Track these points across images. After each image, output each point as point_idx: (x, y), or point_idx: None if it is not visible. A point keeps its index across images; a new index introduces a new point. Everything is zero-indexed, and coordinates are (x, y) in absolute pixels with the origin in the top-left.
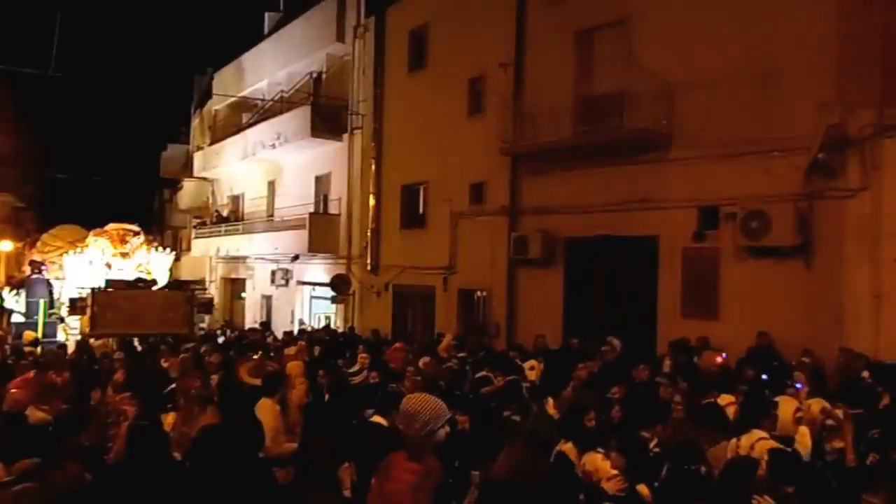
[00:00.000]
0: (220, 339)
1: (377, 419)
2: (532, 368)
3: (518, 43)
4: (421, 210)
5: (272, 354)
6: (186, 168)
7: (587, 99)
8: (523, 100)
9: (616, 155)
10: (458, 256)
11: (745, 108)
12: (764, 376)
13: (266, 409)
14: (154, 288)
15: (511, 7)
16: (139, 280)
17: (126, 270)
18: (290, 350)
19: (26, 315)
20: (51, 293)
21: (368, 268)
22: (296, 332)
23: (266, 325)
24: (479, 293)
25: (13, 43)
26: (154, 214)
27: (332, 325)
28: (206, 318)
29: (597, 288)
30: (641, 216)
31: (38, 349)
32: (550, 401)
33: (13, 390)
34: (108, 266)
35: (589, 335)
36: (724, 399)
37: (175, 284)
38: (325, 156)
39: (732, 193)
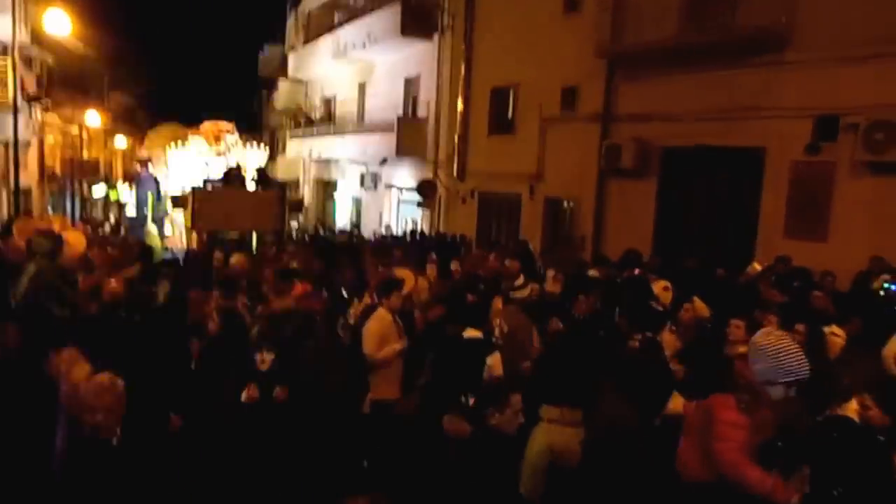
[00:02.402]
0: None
1: (472, 333)
2: (666, 289)
3: None
4: (510, 115)
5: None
6: (283, 68)
7: None
8: None
9: (724, 56)
10: (547, 164)
11: (880, 2)
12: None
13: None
14: (248, 186)
15: None
16: (232, 173)
17: (222, 167)
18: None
19: (137, 208)
20: (158, 188)
21: (455, 173)
22: (382, 232)
23: (356, 226)
24: (566, 203)
25: None
26: (253, 114)
27: (419, 229)
28: (300, 217)
29: (693, 202)
30: (748, 125)
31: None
32: None
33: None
34: (206, 164)
35: (681, 252)
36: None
37: (266, 183)
38: (415, 57)
39: (856, 102)
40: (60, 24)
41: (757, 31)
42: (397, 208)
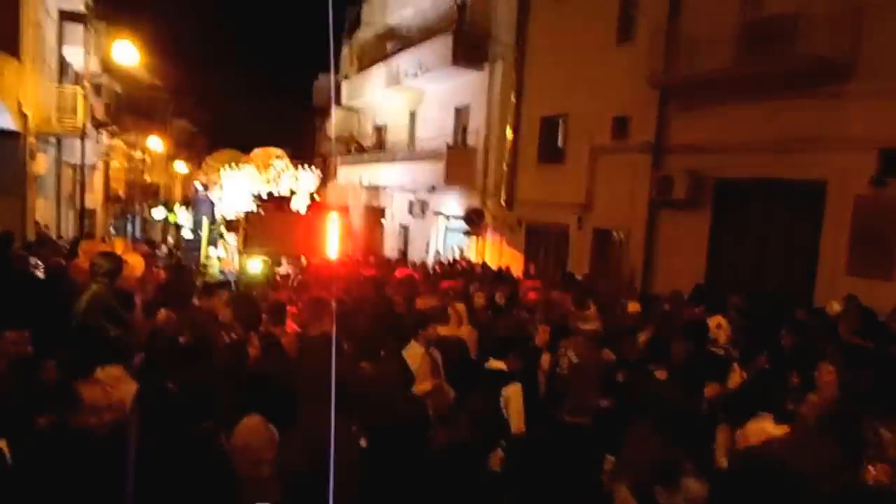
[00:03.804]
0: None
1: (496, 364)
2: (719, 326)
3: None
4: (559, 144)
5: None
6: (336, 97)
7: (753, 23)
8: (678, 25)
9: (783, 87)
10: (596, 194)
11: None
12: None
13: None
14: (295, 208)
15: None
16: (282, 198)
17: (274, 192)
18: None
19: (194, 231)
20: (213, 211)
21: (503, 202)
22: (430, 261)
23: (403, 253)
24: (616, 234)
25: None
26: (307, 141)
27: (465, 258)
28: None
29: (748, 235)
30: (808, 157)
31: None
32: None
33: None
34: (258, 191)
35: (735, 288)
36: None
37: (316, 208)
38: (466, 86)
39: None
40: (128, 55)
41: (818, 62)
42: (444, 236)
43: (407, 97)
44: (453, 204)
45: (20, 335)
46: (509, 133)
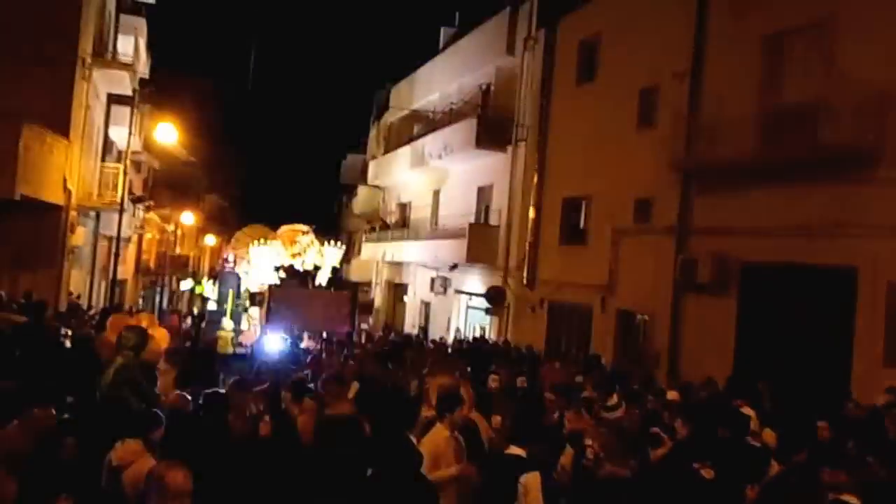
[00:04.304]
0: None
1: (515, 450)
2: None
3: (696, 50)
4: (581, 225)
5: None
6: (362, 176)
7: (774, 111)
8: (699, 111)
9: (808, 173)
10: (619, 276)
11: None
12: None
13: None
14: (318, 283)
15: (689, 13)
16: (306, 273)
17: (298, 267)
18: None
19: (218, 303)
20: (238, 285)
21: (524, 281)
22: (450, 340)
23: (424, 330)
24: (640, 317)
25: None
26: (333, 217)
27: (487, 336)
28: (370, 319)
29: (777, 322)
30: (836, 243)
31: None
32: None
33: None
34: (283, 265)
35: (765, 376)
36: None
37: (338, 284)
38: (489, 167)
39: None
40: (169, 135)
41: (842, 149)
42: (465, 314)
43: (431, 177)
44: (475, 282)
45: (47, 412)
46: (531, 213)
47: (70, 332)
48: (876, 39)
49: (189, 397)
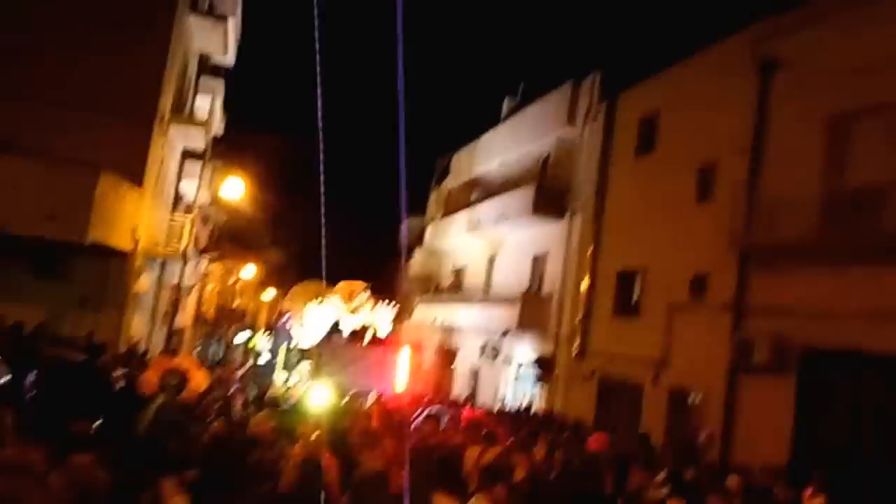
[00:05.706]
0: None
1: None
2: None
3: (757, 128)
4: (635, 298)
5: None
6: (420, 239)
7: (838, 192)
8: (759, 189)
9: (872, 257)
10: (672, 352)
11: None
12: None
13: None
14: (368, 341)
15: (751, 90)
16: (356, 331)
17: (352, 324)
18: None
19: (272, 354)
20: (290, 340)
21: (575, 352)
22: (495, 408)
23: (472, 397)
24: (692, 395)
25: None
26: (389, 279)
27: (534, 407)
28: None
29: (839, 410)
30: None
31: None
32: None
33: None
34: (338, 320)
35: (825, 466)
36: None
37: (390, 343)
38: (545, 236)
39: None
40: (236, 190)
41: None
42: (514, 382)
43: (487, 243)
44: (525, 350)
45: (88, 460)
46: (585, 284)
47: (124, 373)
48: None
49: None
